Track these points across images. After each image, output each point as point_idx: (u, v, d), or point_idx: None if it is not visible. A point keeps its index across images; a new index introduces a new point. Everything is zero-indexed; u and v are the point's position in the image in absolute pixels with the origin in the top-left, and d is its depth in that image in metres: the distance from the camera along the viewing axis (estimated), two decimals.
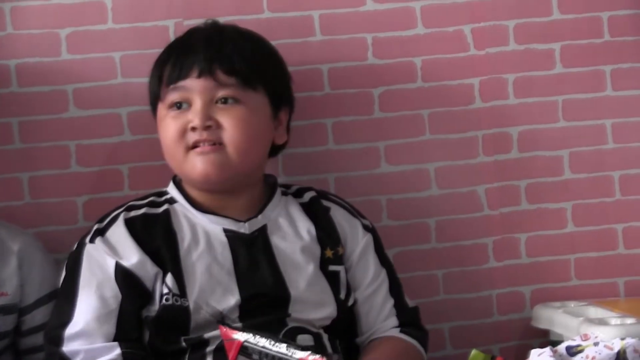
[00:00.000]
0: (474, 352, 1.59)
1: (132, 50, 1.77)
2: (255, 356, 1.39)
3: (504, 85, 1.85)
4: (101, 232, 1.55)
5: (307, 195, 1.65)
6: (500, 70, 1.85)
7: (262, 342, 1.38)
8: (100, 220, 1.58)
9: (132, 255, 1.52)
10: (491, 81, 1.85)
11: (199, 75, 1.54)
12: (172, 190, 1.61)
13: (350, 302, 1.60)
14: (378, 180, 1.83)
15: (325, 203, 1.64)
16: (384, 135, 1.83)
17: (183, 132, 1.55)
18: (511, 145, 1.86)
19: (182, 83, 1.55)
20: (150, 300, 1.52)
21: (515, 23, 1.85)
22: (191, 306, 1.51)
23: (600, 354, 1.36)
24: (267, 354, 1.39)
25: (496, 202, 1.85)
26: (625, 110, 1.87)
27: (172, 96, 1.56)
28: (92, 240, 1.55)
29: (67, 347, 1.48)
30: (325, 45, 1.82)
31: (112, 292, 1.51)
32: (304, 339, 1.53)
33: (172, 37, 1.76)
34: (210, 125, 1.54)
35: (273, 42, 1.67)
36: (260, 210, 1.59)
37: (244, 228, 1.57)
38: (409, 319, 1.62)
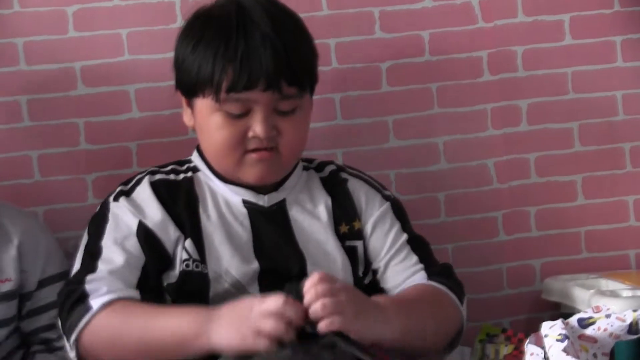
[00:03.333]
0: (484, 325, 1.60)
1: (139, 27, 1.76)
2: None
3: (512, 58, 1.84)
4: (126, 193, 1.56)
5: (328, 169, 1.65)
6: (509, 42, 1.84)
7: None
8: (125, 183, 1.58)
9: (155, 215, 1.53)
10: (500, 54, 1.84)
11: (266, 89, 1.51)
12: (195, 159, 1.61)
13: (367, 280, 1.59)
14: (387, 155, 1.83)
15: (344, 175, 1.64)
16: (392, 109, 1.83)
17: (242, 138, 1.53)
18: (520, 118, 1.85)
19: (246, 95, 1.51)
20: (170, 266, 1.53)
21: None
22: (210, 274, 1.52)
23: (612, 325, 1.36)
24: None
25: (506, 175, 1.85)
26: (635, 81, 1.86)
27: (233, 106, 1.52)
28: (116, 199, 1.56)
29: (88, 285, 1.49)
30: (332, 20, 1.81)
31: (136, 249, 1.51)
32: None
33: (178, 13, 1.75)
34: (273, 134, 1.53)
35: None
36: (281, 184, 1.60)
37: (263, 201, 1.58)
38: (439, 271, 1.58)
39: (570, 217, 1.85)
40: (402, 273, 1.57)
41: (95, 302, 1.47)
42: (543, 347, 1.35)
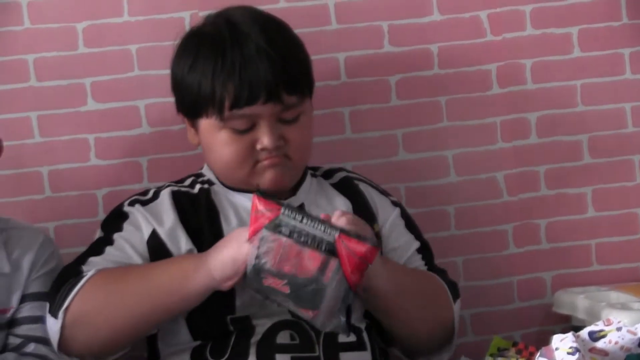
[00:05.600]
0: (495, 338, 1.59)
1: (149, 42, 1.77)
2: (285, 230, 1.35)
3: (521, 71, 1.85)
4: (142, 202, 1.58)
5: (338, 176, 1.67)
6: (518, 55, 1.84)
7: (298, 218, 1.34)
8: (142, 194, 1.60)
9: (169, 226, 1.54)
10: (508, 67, 1.84)
11: (266, 102, 1.53)
12: (207, 173, 1.63)
13: None
14: (396, 168, 1.83)
15: (355, 181, 1.66)
16: (402, 122, 1.83)
17: (250, 151, 1.54)
18: (530, 131, 1.85)
19: (248, 110, 1.52)
20: None
21: (532, 7, 1.84)
22: None
23: (623, 339, 1.36)
24: (300, 231, 1.35)
25: (515, 187, 1.85)
26: None
27: (238, 122, 1.53)
28: (131, 204, 1.58)
29: (86, 266, 1.50)
30: (341, 34, 1.82)
31: (144, 255, 1.53)
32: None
33: (187, 29, 1.75)
34: (281, 144, 1.55)
35: None
36: (296, 189, 1.61)
37: None
38: (437, 271, 1.62)
39: (580, 229, 1.85)
40: None
41: (88, 272, 1.47)
42: None
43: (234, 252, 1.41)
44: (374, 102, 1.83)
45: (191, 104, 1.56)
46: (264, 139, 1.53)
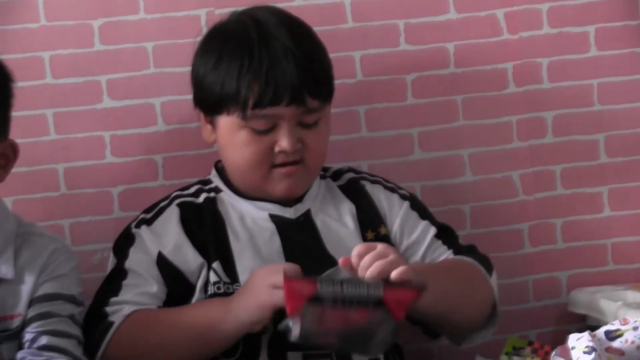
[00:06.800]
0: (510, 338, 1.59)
1: (164, 40, 1.77)
2: (327, 301, 1.37)
3: (538, 70, 1.84)
4: (147, 222, 1.58)
5: (346, 177, 1.66)
6: (534, 54, 1.84)
7: (338, 289, 1.37)
8: (147, 211, 1.60)
9: (174, 245, 1.54)
10: (525, 65, 1.84)
11: (289, 103, 1.52)
12: (215, 179, 1.63)
13: None
14: (412, 167, 1.82)
15: (362, 182, 1.66)
16: (417, 121, 1.83)
17: (269, 153, 1.54)
18: (546, 130, 1.85)
19: (271, 110, 1.52)
20: (193, 292, 1.54)
21: (549, 6, 1.83)
22: None
23: (639, 338, 1.35)
24: (343, 298, 1.37)
25: (531, 187, 1.84)
26: None
27: (259, 122, 1.53)
28: (138, 226, 1.58)
29: (110, 308, 1.51)
30: (357, 32, 1.81)
31: (158, 279, 1.53)
32: None
33: (203, 26, 1.75)
34: (299, 147, 1.55)
35: None
36: (304, 194, 1.61)
37: (290, 213, 1.59)
38: (464, 249, 1.62)
39: (596, 228, 1.84)
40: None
41: (116, 318, 1.49)
42: None
43: (258, 299, 1.43)
44: (389, 101, 1.83)
45: (213, 101, 1.55)
46: (283, 141, 1.53)
